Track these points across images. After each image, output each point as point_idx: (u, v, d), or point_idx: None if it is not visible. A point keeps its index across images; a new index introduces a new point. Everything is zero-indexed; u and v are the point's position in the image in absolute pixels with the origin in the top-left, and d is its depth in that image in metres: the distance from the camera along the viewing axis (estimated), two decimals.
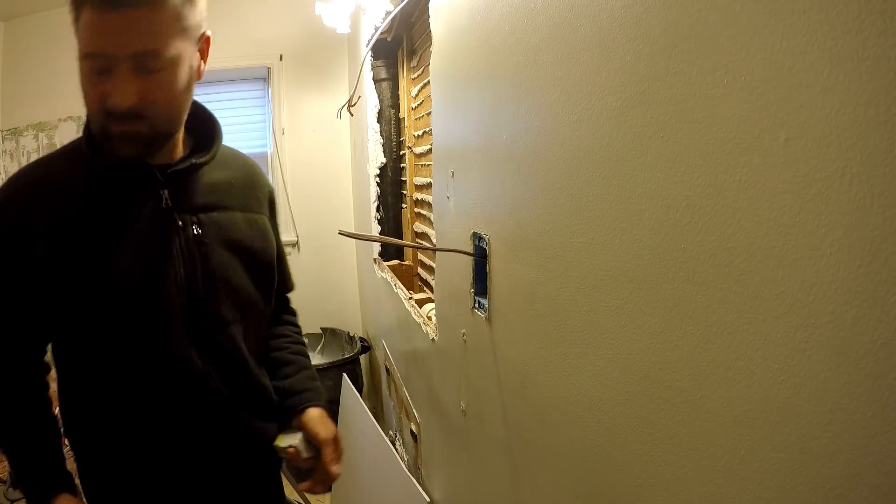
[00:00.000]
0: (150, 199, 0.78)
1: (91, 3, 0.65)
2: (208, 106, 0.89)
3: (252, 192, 0.92)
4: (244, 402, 0.88)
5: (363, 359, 2.65)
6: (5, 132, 2.68)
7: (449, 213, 1.02)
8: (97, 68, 0.67)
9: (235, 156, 0.94)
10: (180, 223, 0.80)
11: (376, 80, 1.96)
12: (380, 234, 2.05)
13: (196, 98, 0.82)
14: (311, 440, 0.91)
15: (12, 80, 2.61)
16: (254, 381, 0.89)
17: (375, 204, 2.05)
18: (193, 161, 0.81)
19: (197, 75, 0.77)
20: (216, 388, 0.83)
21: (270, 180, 2.79)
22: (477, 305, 0.86)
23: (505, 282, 0.75)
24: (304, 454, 0.90)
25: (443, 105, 1.06)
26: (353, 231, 0.89)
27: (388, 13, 1.49)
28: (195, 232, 0.81)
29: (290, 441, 0.91)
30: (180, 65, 0.71)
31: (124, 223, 0.76)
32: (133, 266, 0.76)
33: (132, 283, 0.76)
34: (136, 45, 0.66)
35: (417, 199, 1.70)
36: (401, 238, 2.04)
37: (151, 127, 0.72)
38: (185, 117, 0.79)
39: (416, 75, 1.68)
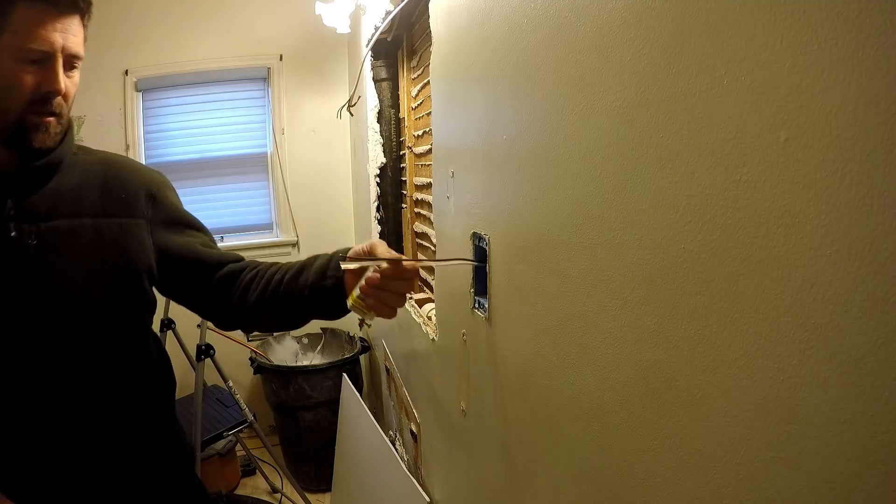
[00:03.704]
0: None
1: (38, 1, 0.71)
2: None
3: (113, 194, 0.85)
4: (103, 425, 0.83)
5: (363, 359, 2.65)
6: None
7: (449, 213, 1.02)
8: (30, 59, 0.72)
9: (92, 157, 0.88)
10: (14, 234, 0.75)
11: (376, 80, 1.96)
12: (380, 234, 2.05)
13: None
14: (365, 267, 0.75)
15: None
16: (109, 400, 0.84)
17: (375, 204, 2.05)
18: (39, 163, 0.78)
19: None
20: (67, 415, 0.79)
21: (270, 179, 2.83)
22: (477, 305, 0.86)
23: (505, 282, 0.75)
24: (375, 271, 0.71)
25: (443, 105, 1.05)
26: (355, 254, 0.78)
27: (388, 13, 1.49)
28: (31, 243, 0.76)
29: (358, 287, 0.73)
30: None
31: None
32: None
33: None
34: (70, 46, 0.74)
35: (417, 199, 1.70)
36: (401, 242, 2.04)
37: (60, 122, 0.77)
38: None
39: (416, 75, 1.68)
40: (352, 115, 2.45)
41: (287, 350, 2.75)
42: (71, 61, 0.75)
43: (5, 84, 0.72)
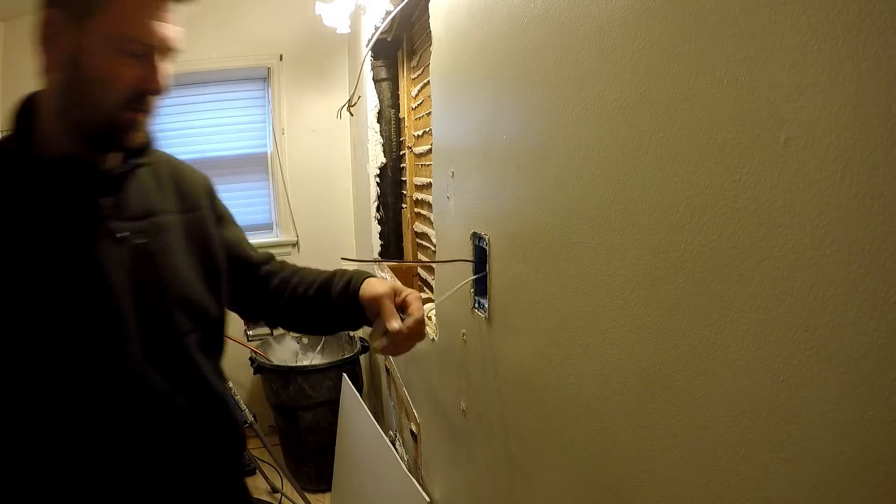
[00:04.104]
0: (89, 211, 0.70)
1: None
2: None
3: (184, 189, 0.84)
4: (205, 416, 0.81)
5: (363, 359, 2.65)
6: (5, 132, 2.67)
7: (449, 213, 1.02)
8: (130, 51, 0.64)
9: (158, 155, 0.84)
10: (126, 233, 0.72)
11: (376, 80, 1.96)
12: (380, 234, 2.05)
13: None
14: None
15: (12, 80, 2.61)
16: (213, 392, 0.83)
17: (375, 204, 2.05)
18: (137, 161, 0.74)
19: None
20: (178, 405, 0.77)
21: (270, 179, 2.82)
22: (477, 305, 0.86)
23: (505, 282, 0.75)
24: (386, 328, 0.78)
25: (443, 105, 1.06)
26: (355, 257, 0.85)
27: (388, 13, 1.49)
28: (140, 242, 0.74)
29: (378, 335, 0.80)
30: None
31: (58, 243, 0.67)
32: (81, 289, 0.68)
33: (82, 309, 0.67)
34: (172, 38, 0.67)
35: (417, 199, 1.70)
36: (401, 242, 2.04)
37: (149, 119, 0.72)
38: None
39: (416, 75, 1.68)
40: (352, 115, 2.45)
41: (287, 350, 2.75)
42: (167, 55, 0.68)
43: (99, 77, 0.64)
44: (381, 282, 0.84)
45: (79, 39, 0.63)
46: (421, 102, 1.60)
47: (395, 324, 0.76)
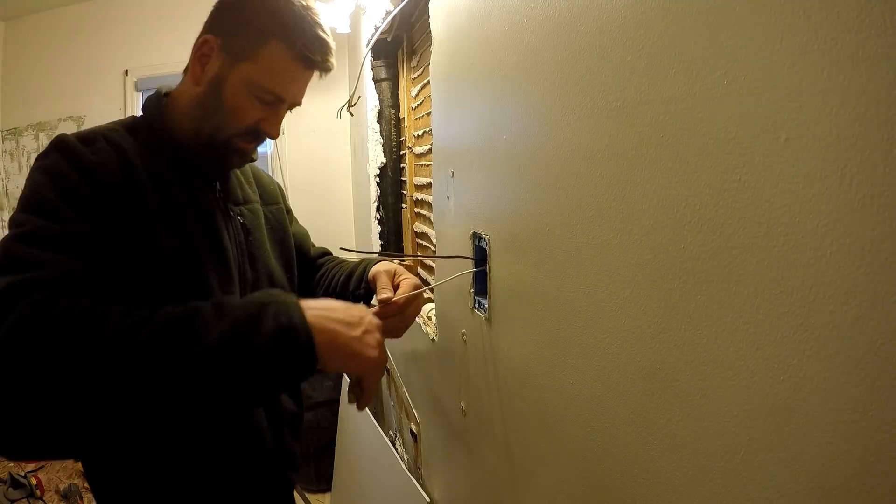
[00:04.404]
0: (208, 190, 0.82)
1: (294, 49, 0.74)
2: None
3: (263, 186, 0.98)
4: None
5: None
6: (5, 132, 2.68)
7: (449, 213, 1.02)
8: (262, 98, 0.76)
9: None
10: (231, 213, 0.84)
11: (376, 80, 1.96)
12: (380, 234, 2.05)
13: None
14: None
15: (12, 80, 2.61)
16: None
17: (375, 204, 2.05)
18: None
19: None
20: None
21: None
22: (477, 305, 0.86)
23: (505, 282, 0.75)
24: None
25: (443, 105, 1.05)
26: (354, 248, 0.88)
27: (388, 13, 1.49)
28: (241, 221, 0.85)
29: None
30: None
31: (192, 209, 0.77)
32: (211, 250, 0.77)
33: (208, 270, 0.75)
34: (300, 98, 0.81)
35: (417, 199, 1.70)
36: (401, 242, 2.04)
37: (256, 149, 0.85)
38: None
39: (416, 75, 1.68)
40: (352, 115, 2.45)
41: None
42: (290, 109, 0.81)
43: (232, 107, 0.75)
44: (387, 264, 0.93)
45: (226, 71, 0.74)
46: (421, 102, 1.60)
47: (382, 293, 0.82)
